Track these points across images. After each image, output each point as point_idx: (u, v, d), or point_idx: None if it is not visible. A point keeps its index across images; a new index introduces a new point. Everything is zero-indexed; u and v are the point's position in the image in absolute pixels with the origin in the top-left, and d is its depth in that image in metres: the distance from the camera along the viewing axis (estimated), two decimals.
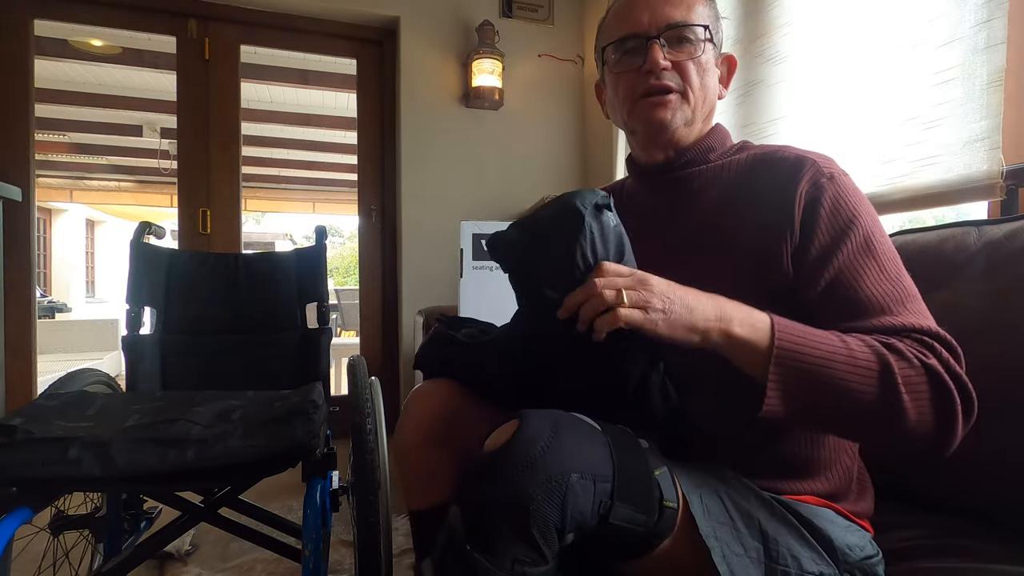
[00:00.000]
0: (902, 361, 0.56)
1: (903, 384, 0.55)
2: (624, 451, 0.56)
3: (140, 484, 0.93)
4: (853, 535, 0.66)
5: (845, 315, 0.62)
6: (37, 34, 2.22)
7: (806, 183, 0.66)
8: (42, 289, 7.45)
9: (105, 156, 5.71)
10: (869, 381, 0.56)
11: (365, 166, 2.62)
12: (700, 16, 0.74)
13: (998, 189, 1.05)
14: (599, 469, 0.53)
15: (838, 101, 1.39)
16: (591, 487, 0.52)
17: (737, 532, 0.58)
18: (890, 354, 0.57)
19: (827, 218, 0.65)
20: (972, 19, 1.09)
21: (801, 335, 0.58)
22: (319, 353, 1.45)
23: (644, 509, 0.54)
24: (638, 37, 0.74)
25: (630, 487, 0.54)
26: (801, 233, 0.66)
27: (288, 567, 1.39)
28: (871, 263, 0.63)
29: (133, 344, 1.37)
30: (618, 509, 0.53)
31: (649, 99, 0.74)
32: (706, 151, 0.77)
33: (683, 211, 0.76)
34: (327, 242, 1.56)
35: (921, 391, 0.56)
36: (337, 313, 5.38)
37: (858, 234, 0.64)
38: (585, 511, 0.51)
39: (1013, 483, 0.75)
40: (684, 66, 0.73)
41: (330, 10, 2.45)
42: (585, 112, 2.71)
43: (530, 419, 0.55)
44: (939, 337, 0.59)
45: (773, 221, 0.67)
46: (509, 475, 0.51)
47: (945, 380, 0.56)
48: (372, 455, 0.99)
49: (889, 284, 0.63)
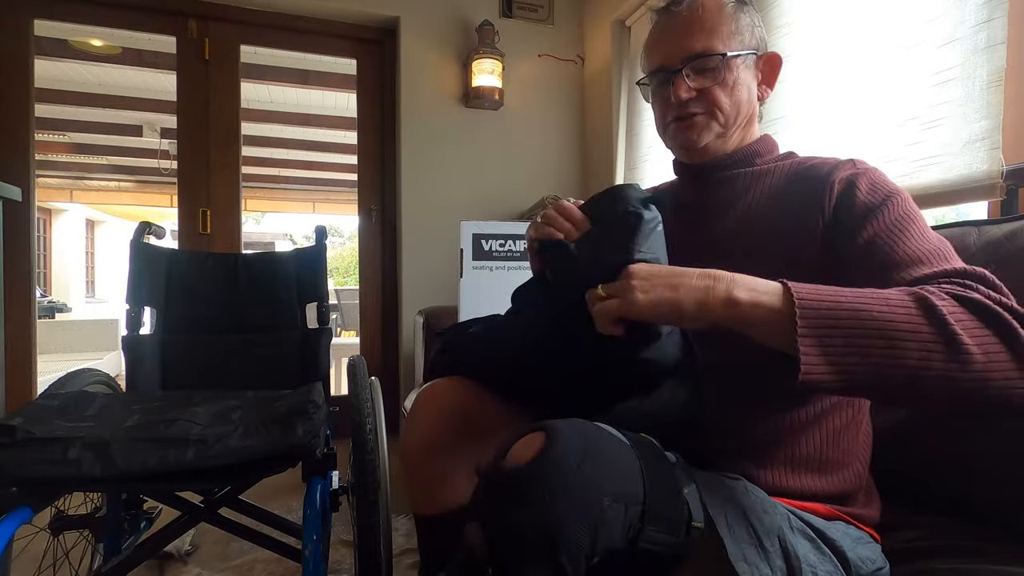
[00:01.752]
0: (941, 300, 0.51)
1: (948, 316, 0.49)
2: (654, 470, 0.54)
3: (140, 484, 0.93)
4: (864, 547, 0.66)
5: (881, 269, 0.60)
6: (37, 34, 2.22)
7: (841, 173, 0.69)
8: (42, 289, 7.45)
9: (105, 156, 5.71)
10: (913, 317, 0.49)
11: (365, 166, 2.62)
12: (723, 36, 0.75)
13: (998, 189, 1.05)
14: (631, 491, 0.50)
15: (838, 101, 1.39)
16: (622, 511, 0.49)
17: (764, 552, 0.57)
18: (927, 293, 0.52)
19: (865, 192, 0.66)
20: (972, 19, 1.09)
21: (819, 289, 0.53)
22: (319, 353, 1.45)
23: (673, 531, 0.53)
24: (664, 71, 0.78)
25: (660, 509, 0.52)
26: (836, 210, 0.67)
27: (288, 567, 1.39)
28: (912, 227, 0.63)
29: (133, 344, 1.37)
30: (648, 533, 0.51)
31: (677, 123, 0.78)
32: (752, 156, 0.79)
33: (727, 208, 0.77)
34: (327, 242, 1.56)
35: (970, 325, 0.49)
36: (337, 313, 5.38)
37: (897, 205, 0.64)
38: (615, 536, 0.49)
39: (1014, 482, 0.75)
40: (708, 91, 0.76)
41: (330, 10, 2.45)
42: (585, 112, 2.71)
43: (559, 433, 0.52)
44: (976, 275, 0.55)
45: (806, 212, 0.68)
46: (538, 498, 0.48)
47: (990, 307, 0.50)
48: (372, 455, 0.99)
49: (928, 243, 0.61)
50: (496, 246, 1.73)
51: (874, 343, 0.49)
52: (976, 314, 0.50)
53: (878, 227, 0.63)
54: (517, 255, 1.74)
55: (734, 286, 0.55)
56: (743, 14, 0.77)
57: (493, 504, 0.52)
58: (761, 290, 0.54)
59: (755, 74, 0.79)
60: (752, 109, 0.80)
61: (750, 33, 0.77)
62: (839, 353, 0.49)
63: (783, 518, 0.62)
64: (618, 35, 2.42)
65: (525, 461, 0.51)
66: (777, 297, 0.53)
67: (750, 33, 0.77)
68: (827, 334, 0.50)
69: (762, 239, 0.71)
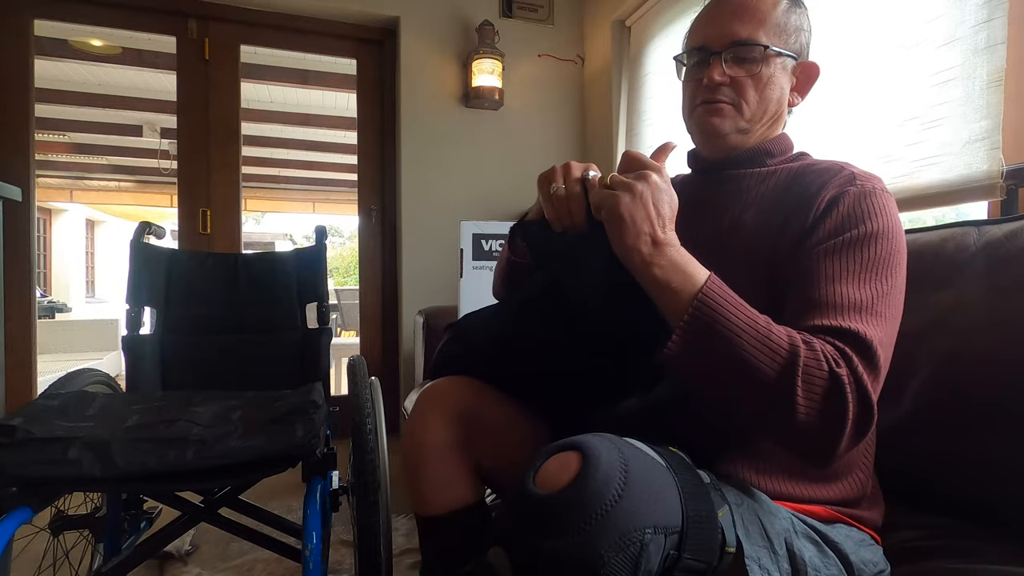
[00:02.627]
0: (811, 356, 0.55)
1: (802, 375, 0.54)
2: (692, 495, 0.53)
3: (140, 484, 0.93)
4: (866, 550, 0.66)
5: (801, 299, 0.62)
6: (37, 34, 2.22)
7: (833, 188, 0.67)
8: (42, 289, 7.45)
9: (105, 156, 5.71)
10: (771, 362, 0.54)
11: (365, 166, 2.62)
12: (770, 30, 0.74)
13: (998, 189, 1.05)
14: (670, 520, 0.49)
15: (838, 101, 1.39)
16: (663, 542, 0.48)
17: (775, 556, 0.57)
18: (804, 347, 0.55)
19: (839, 215, 0.65)
20: (972, 19, 1.09)
21: (729, 299, 0.57)
22: (319, 353, 1.45)
23: (708, 557, 0.52)
24: (704, 51, 0.77)
25: (697, 537, 0.51)
26: (810, 224, 0.66)
27: (288, 567, 1.39)
28: (854, 263, 0.62)
29: (133, 344, 1.37)
30: (684, 561, 0.50)
31: (705, 106, 0.77)
32: (764, 155, 0.78)
33: (727, 207, 0.77)
34: (327, 242, 1.56)
35: (816, 387, 0.54)
36: (337, 313, 5.38)
37: (859, 236, 0.63)
38: (653, 568, 0.48)
39: (1015, 482, 0.74)
40: (741, 82, 0.75)
41: (330, 10, 2.45)
42: (585, 112, 2.71)
43: (596, 455, 0.50)
44: (864, 350, 0.57)
45: (793, 219, 0.68)
46: (576, 529, 0.46)
47: (845, 392, 0.54)
48: (372, 455, 0.99)
49: (858, 291, 0.60)
50: (496, 246, 1.73)
51: (727, 366, 0.56)
52: (830, 385, 0.54)
53: (825, 251, 0.63)
54: None
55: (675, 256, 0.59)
56: (794, 15, 0.77)
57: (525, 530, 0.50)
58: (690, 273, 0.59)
59: (790, 78, 0.78)
60: (780, 111, 0.79)
61: (796, 36, 0.77)
62: (696, 352, 0.56)
63: (787, 521, 0.62)
64: (618, 35, 2.42)
65: (561, 487, 0.49)
66: (693, 286, 0.58)
67: (796, 36, 0.77)
68: (699, 337, 0.56)
69: (747, 238, 0.71)
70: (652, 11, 2.22)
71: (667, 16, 2.12)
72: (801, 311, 0.61)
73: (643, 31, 2.29)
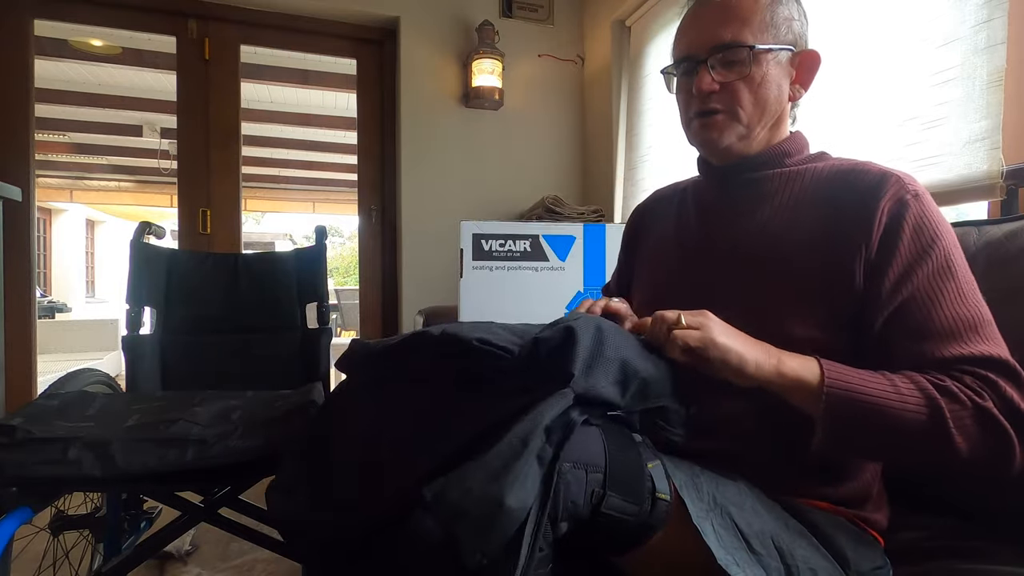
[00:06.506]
0: (953, 403, 0.56)
1: (953, 424, 0.56)
2: (616, 443, 0.55)
3: (140, 484, 0.93)
4: (865, 547, 0.66)
5: (914, 336, 0.62)
6: (37, 34, 2.22)
7: (889, 199, 0.65)
8: (42, 289, 7.45)
9: (105, 156, 5.71)
10: (919, 422, 0.56)
11: (365, 166, 2.62)
12: (755, 27, 0.71)
13: (998, 189, 1.05)
14: (592, 459, 0.53)
15: (838, 101, 1.39)
16: (583, 476, 0.51)
17: (755, 554, 0.57)
18: (941, 397, 0.56)
19: (910, 236, 0.64)
20: (972, 19, 1.09)
21: (847, 376, 0.59)
22: (319, 353, 1.45)
23: (636, 499, 0.54)
24: (690, 60, 0.75)
25: (622, 477, 0.53)
26: (879, 250, 0.64)
27: (288, 567, 1.39)
28: (950, 285, 0.62)
29: (133, 344, 1.37)
30: (610, 499, 0.52)
31: (699, 120, 0.75)
32: (781, 155, 0.76)
33: (750, 212, 0.74)
34: (327, 242, 1.56)
35: (968, 426, 0.56)
36: (337, 313, 5.39)
37: (939, 255, 0.63)
38: (578, 500, 0.51)
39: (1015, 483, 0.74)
40: (733, 87, 0.72)
41: (330, 10, 2.45)
42: (585, 112, 2.71)
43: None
44: (1004, 368, 0.58)
45: (848, 234, 0.65)
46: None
47: (998, 420, 0.56)
48: None
49: (964, 308, 0.61)
50: (496, 246, 1.73)
51: (881, 440, 0.58)
52: (981, 424, 0.56)
53: (917, 284, 0.62)
54: (517, 255, 1.74)
55: (783, 356, 0.61)
56: (781, 6, 0.73)
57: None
58: (801, 369, 0.60)
59: (788, 72, 0.74)
60: (781, 109, 0.75)
61: (787, 27, 0.73)
62: (848, 438, 0.59)
63: (779, 518, 0.62)
64: (618, 35, 2.42)
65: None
66: (814, 377, 0.59)
67: (787, 27, 0.73)
68: (844, 425, 0.58)
69: (789, 251, 0.69)
70: (652, 11, 2.22)
71: (667, 16, 2.11)
72: (917, 348, 0.61)
73: (643, 31, 2.29)
